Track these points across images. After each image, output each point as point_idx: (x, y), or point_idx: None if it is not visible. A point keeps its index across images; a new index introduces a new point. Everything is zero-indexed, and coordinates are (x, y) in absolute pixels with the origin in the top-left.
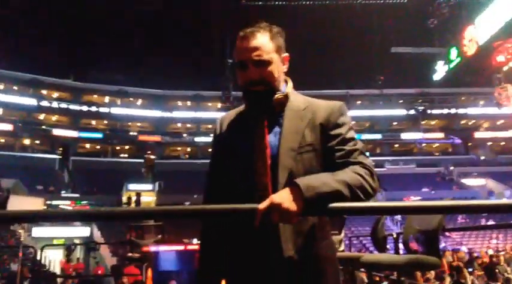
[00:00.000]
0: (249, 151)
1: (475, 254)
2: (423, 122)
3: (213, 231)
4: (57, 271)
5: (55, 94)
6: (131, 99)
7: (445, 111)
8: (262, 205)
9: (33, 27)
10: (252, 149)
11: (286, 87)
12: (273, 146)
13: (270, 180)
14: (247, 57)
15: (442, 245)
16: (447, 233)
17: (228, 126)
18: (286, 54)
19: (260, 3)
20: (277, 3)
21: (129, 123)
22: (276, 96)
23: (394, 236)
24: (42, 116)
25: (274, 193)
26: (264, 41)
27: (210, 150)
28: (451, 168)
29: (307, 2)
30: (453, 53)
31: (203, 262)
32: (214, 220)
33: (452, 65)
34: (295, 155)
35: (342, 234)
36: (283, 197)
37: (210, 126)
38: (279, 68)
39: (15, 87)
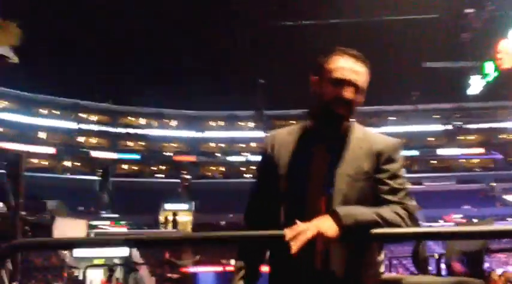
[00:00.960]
0: (305, 172)
1: None
2: (461, 137)
3: (253, 254)
4: None
5: (94, 118)
6: (167, 120)
7: (483, 125)
8: (303, 227)
9: (74, 55)
10: (309, 170)
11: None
12: (330, 170)
13: (324, 203)
14: (351, 77)
15: (486, 265)
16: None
17: (281, 146)
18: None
19: (291, 23)
20: (307, 22)
21: (165, 144)
22: (346, 123)
23: (436, 257)
24: (82, 139)
25: None
26: (363, 70)
27: (243, 169)
28: (493, 184)
29: (336, 21)
30: (488, 66)
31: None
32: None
33: (488, 78)
34: (351, 181)
35: (382, 255)
36: (322, 223)
37: (243, 146)
38: (361, 99)
39: (57, 112)
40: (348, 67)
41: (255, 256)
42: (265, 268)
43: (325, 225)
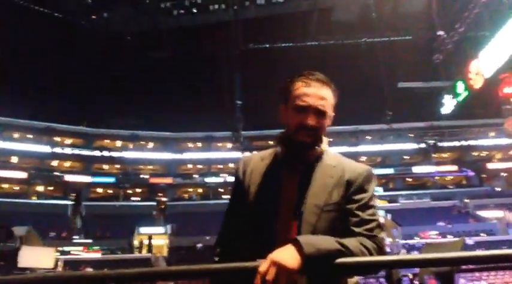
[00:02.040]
0: (274, 202)
1: None
2: (435, 155)
3: None
4: None
5: (68, 141)
6: (143, 142)
7: (456, 143)
8: (263, 267)
9: (46, 77)
10: (278, 200)
11: (322, 143)
12: (300, 200)
13: (293, 234)
14: (312, 103)
15: (461, 281)
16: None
17: (252, 171)
18: (333, 114)
19: (267, 45)
20: (283, 45)
21: (141, 166)
22: (315, 149)
23: (410, 277)
24: (55, 163)
25: None
26: (329, 95)
27: (221, 190)
28: (466, 200)
29: (313, 43)
30: (460, 86)
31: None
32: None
33: (460, 98)
34: (320, 212)
35: (355, 277)
36: (283, 255)
37: (221, 167)
38: (328, 123)
39: (29, 136)
40: (311, 93)
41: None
42: None
43: (287, 256)
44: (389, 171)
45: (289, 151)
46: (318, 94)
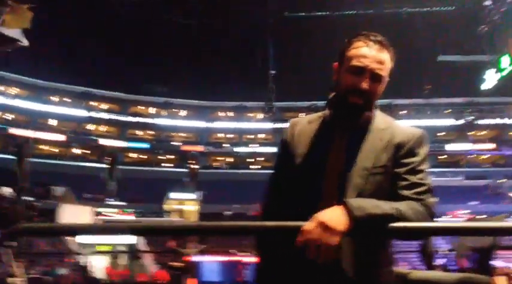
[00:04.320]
0: (323, 163)
1: None
2: (472, 132)
3: (269, 244)
4: (100, 277)
5: (104, 106)
6: (175, 110)
7: (497, 120)
8: (308, 226)
9: (86, 43)
10: (325, 162)
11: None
12: (347, 162)
13: (338, 196)
14: (370, 66)
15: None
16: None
17: (300, 133)
18: (388, 79)
19: (303, 14)
20: (318, 13)
21: (174, 134)
22: (366, 113)
23: (443, 252)
24: (92, 127)
25: None
26: (387, 59)
27: (251, 160)
28: (501, 180)
29: (350, 12)
30: (505, 60)
31: (260, 274)
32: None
33: (504, 73)
34: (367, 175)
35: None
36: (330, 215)
37: (251, 137)
38: (382, 88)
39: (68, 99)
40: (370, 55)
41: (275, 249)
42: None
43: (334, 217)
44: None
45: (339, 114)
46: (377, 57)
